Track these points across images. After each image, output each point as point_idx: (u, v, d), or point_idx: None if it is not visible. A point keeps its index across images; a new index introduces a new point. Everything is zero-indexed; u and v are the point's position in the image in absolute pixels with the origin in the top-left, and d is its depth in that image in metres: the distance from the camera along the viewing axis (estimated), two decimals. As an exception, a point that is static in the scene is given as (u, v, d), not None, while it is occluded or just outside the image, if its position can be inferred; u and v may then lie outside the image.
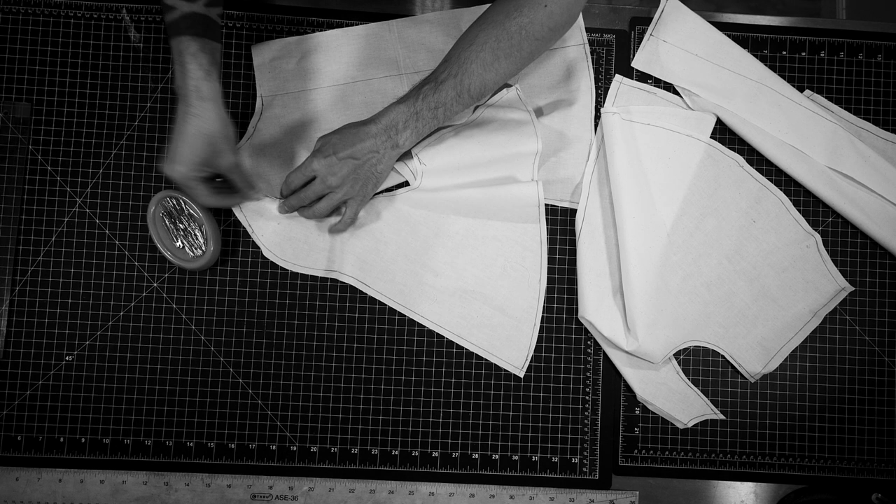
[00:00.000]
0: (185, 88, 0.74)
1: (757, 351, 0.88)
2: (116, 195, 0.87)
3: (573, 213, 0.90)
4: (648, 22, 0.92)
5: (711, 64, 0.91)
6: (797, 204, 0.90)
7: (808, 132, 0.90)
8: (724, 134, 0.91)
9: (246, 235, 0.88)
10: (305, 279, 0.87)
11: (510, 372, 0.87)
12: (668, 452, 0.87)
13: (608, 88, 0.91)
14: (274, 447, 0.86)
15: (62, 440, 0.85)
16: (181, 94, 0.74)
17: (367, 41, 0.90)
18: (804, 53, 0.93)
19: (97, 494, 0.84)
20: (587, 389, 0.88)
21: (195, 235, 0.84)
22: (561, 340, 0.88)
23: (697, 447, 0.88)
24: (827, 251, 0.90)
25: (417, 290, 0.87)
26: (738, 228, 0.90)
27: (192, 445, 0.85)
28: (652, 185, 0.89)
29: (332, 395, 0.86)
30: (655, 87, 0.92)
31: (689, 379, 0.88)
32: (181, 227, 0.84)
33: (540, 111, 0.90)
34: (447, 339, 0.87)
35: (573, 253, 0.89)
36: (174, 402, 0.86)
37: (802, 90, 0.92)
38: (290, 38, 0.90)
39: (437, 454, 0.87)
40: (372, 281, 0.87)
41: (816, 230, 0.90)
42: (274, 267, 0.87)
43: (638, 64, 0.92)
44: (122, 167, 0.88)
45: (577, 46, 0.91)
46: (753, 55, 0.91)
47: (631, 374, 0.87)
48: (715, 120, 0.91)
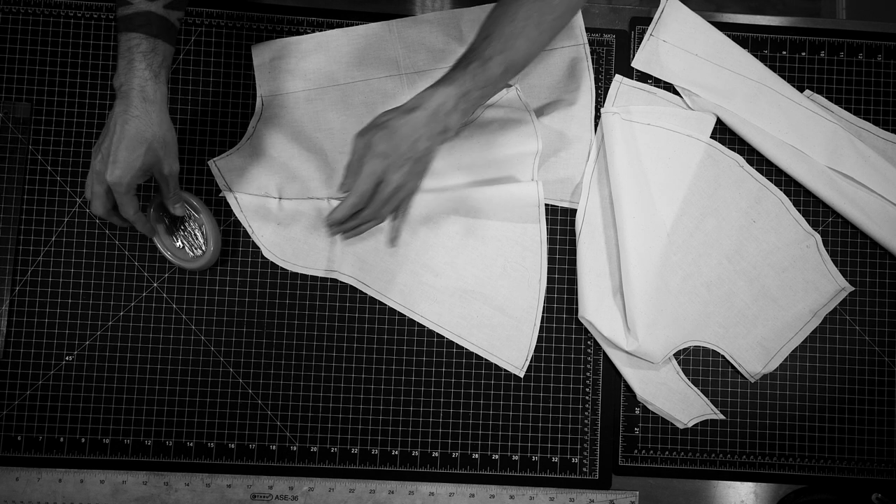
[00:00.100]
0: (127, 87, 0.70)
1: (757, 351, 0.88)
2: (116, 195, 0.87)
3: (573, 213, 0.90)
4: (648, 22, 0.92)
5: (711, 64, 0.91)
6: (797, 204, 0.90)
7: (808, 132, 0.89)
8: (724, 134, 0.91)
9: (246, 235, 0.88)
10: (305, 279, 0.87)
11: (510, 372, 0.87)
12: (668, 452, 0.87)
13: (608, 88, 0.91)
14: (274, 447, 0.86)
15: (62, 440, 0.85)
16: (121, 92, 0.70)
17: (367, 41, 0.90)
18: (804, 53, 0.93)
19: (97, 494, 0.84)
20: (587, 389, 0.88)
21: (195, 235, 0.84)
22: (561, 340, 0.88)
23: (697, 447, 0.88)
24: (827, 251, 0.89)
25: (417, 290, 0.87)
26: (738, 228, 0.90)
27: (192, 445, 0.85)
28: (652, 185, 0.89)
29: (332, 395, 0.86)
30: (655, 87, 0.91)
31: (689, 379, 0.88)
32: (181, 227, 0.84)
33: (540, 111, 0.90)
34: (447, 339, 0.87)
35: (573, 253, 0.89)
36: (174, 402, 0.86)
37: (802, 90, 0.92)
38: (290, 38, 0.90)
39: (437, 454, 0.87)
40: (371, 281, 0.87)
41: (816, 230, 0.90)
42: (274, 267, 0.87)
43: (638, 64, 0.92)
44: (122, 167, 0.88)
45: (577, 46, 0.91)
46: (753, 55, 0.91)
47: (631, 374, 0.87)
48: (715, 120, 0.91)
